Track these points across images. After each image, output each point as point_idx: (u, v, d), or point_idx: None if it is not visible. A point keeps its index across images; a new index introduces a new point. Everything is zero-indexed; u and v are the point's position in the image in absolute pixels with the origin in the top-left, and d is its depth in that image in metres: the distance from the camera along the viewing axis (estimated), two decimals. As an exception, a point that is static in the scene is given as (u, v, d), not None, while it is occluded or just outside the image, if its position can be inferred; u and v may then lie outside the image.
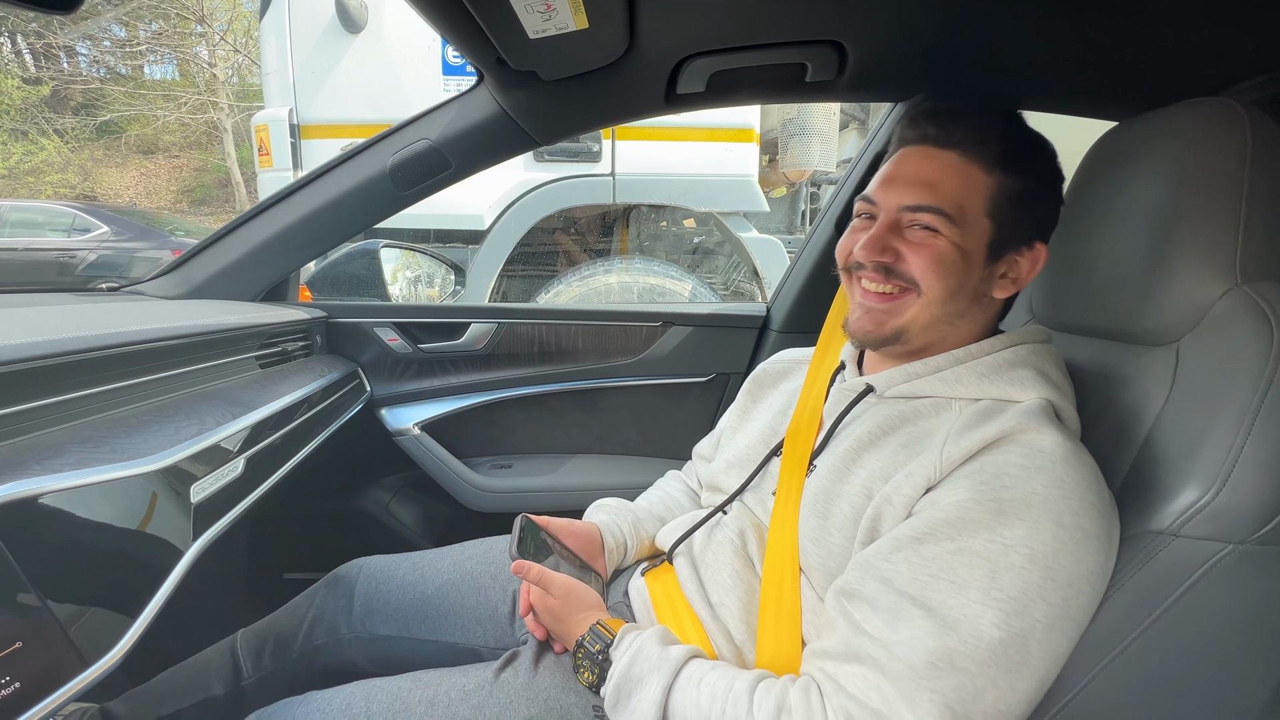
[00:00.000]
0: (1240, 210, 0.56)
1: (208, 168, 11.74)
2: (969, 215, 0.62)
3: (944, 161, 0.63)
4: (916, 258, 0.62)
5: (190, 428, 0.70)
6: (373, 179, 1.08)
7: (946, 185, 0.62)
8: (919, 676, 0.49)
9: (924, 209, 0.62)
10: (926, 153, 0.64)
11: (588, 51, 0.87)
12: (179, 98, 11.15)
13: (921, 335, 0.65)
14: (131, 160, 11.74)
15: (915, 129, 0.65)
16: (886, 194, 0.64)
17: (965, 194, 0.62)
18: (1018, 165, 0.62)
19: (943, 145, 0.63)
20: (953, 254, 0.61)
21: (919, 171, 0.63)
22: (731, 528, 0.74)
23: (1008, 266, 0.64)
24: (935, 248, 0.62)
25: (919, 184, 0.62)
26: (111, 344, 0.67)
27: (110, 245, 5.60)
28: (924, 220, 0.62)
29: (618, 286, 2.89)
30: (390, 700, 0.66)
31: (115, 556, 0.56)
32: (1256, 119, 0.56)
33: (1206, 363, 0.55)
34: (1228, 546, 0.49)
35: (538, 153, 2.79)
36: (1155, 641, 0.52)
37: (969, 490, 0.53)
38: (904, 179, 0.64)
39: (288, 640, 0.86)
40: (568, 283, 2.91)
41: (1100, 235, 0.66)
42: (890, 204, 0.64)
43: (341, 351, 1.27)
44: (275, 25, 2.72)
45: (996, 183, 0.62)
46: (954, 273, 0.62)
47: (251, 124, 2.91)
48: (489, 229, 2.84)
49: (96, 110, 11.11)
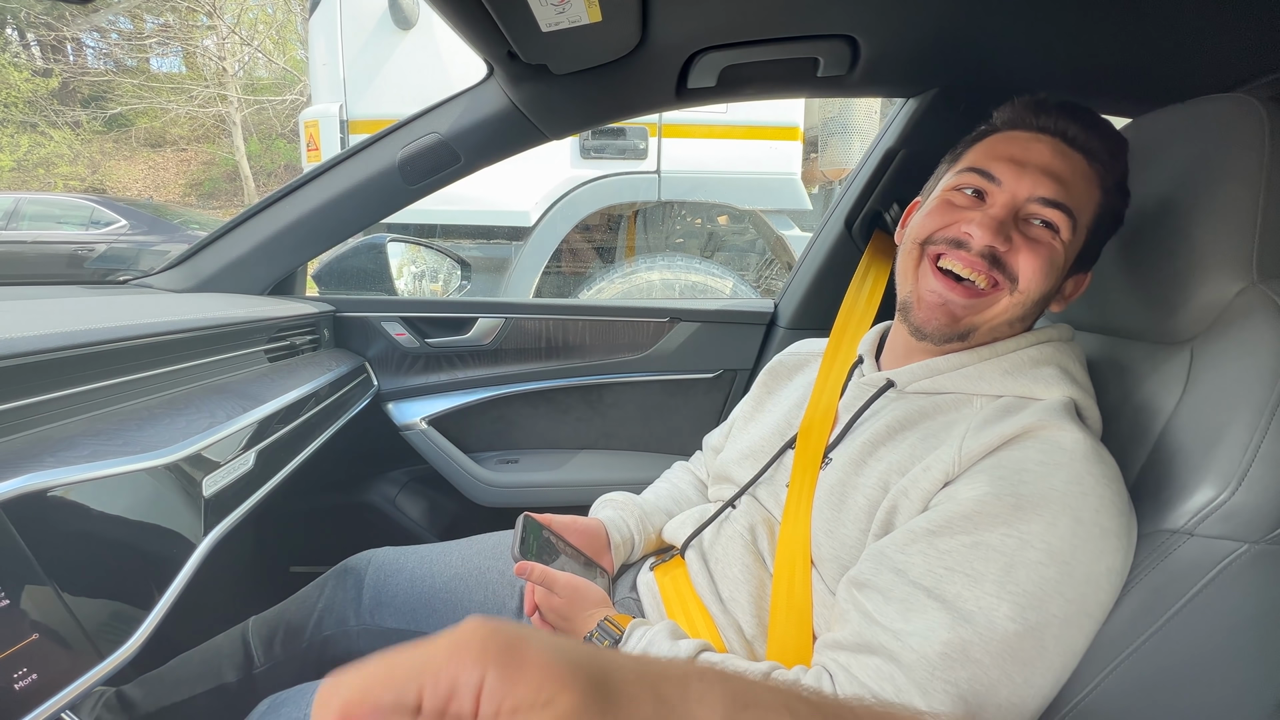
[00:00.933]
0: (1258, 207, 0.55)
1: (216, 161, 11.76)
2: (1080, 224, 0.60)
3: (1075, 163, 0.60)
4: (1031, 254, 0.60)
5: (201, 421, 0.70)
6: (381, 173, 1.08)
7: (1076, 188, 0.60)
8: (933, 667, 0.49)
9: (1058, 206, 0.59)
10: (1059, 147, 0.61)
11: (599, 45, 0.86)
12: (188, 91, 11.17)
13: (987, 334, 0.64)
14: (140, 153, 11.78)
15: (1050, 118, 0.62)
16: (1018, 178, 0.60)
17: (1085, 202, 0.60)
18: (1123, 192, 0.62)
19: (1078, 147, 0.61)
20: (1061, 258, 0.60)
21: (1053, 164, 0.60)
22: (741, 522, 0.73)
23: (1065, 283, 0.64)
24: (1052, 249, 0.60)
25: (1054, 177, 0.59)
26: (122, 337, 0.67)
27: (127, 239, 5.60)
28: (1051, 217, 0.59)
29: (660, 284, 2.88)
30: None
31: (129, 549, 0.56)
32: (1274, 115, 0.56)
33: (1222, 361, 0.55)
34: (1243, 546, 0.49)
35: (584, 149, 2.80)
36: (1169, 640, 0.51)
37: (987, 485, 0.53)
38: (1038, 167, 0.60)
39: (298, 629, 0.87)
40: (610, 279, 2.91)
41: (1117, 233, 0.65)
42: (1021, 190, 0.60)
43: (349, 346, 1.27)
44: (325, 21, 2.73)
45: (1105, 201, 0.61)
46: (1055, 278, 0.61)
47: (300, 119, 2.91)
48: (534, 225, 2.84)
49: (105, 103, 11.14)
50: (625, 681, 0.29)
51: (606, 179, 2.85)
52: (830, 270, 1.23)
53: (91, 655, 0.49)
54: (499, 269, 2.95)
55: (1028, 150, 0.61)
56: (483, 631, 0.29)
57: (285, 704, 0.67)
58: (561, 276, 3.16)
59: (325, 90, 2.79)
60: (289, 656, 0.85)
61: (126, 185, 11.37)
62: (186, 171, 11.85)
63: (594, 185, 2.85)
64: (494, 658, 0.27)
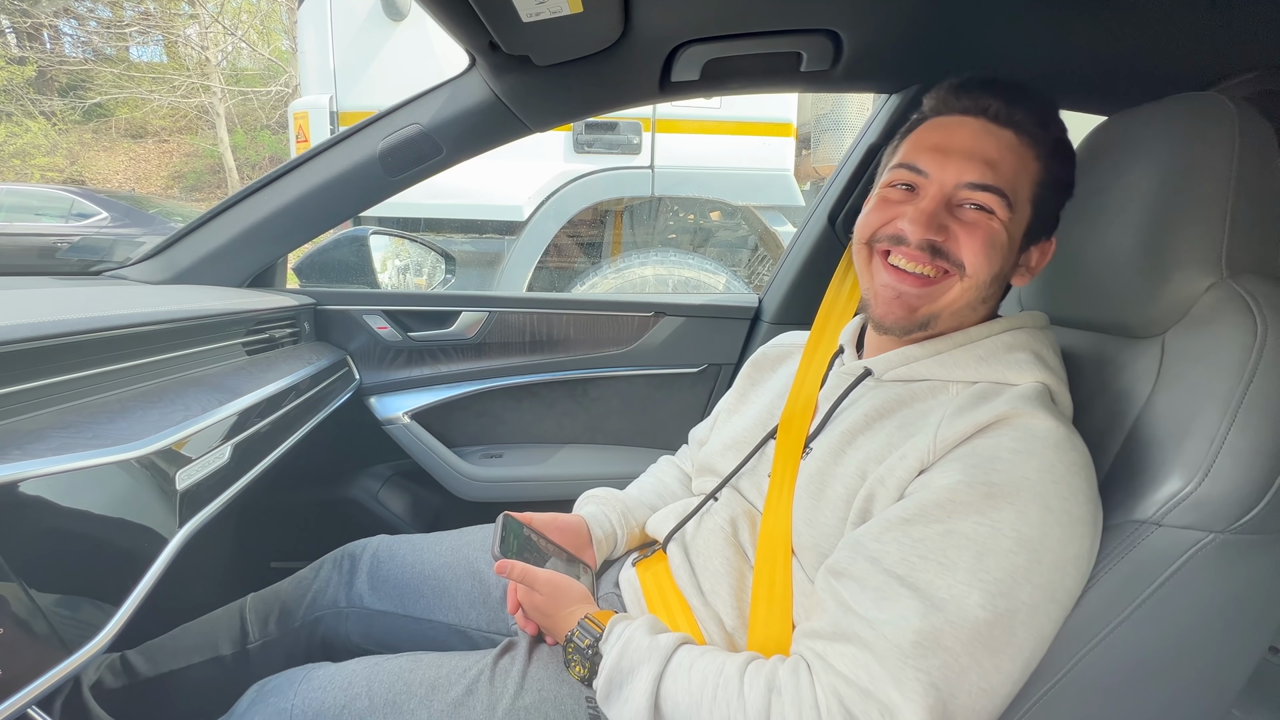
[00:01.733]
0: (1228, 204, 0.56)
1: (199, 153, 11.57)
2: (1019, 199, 0.60)
3: (1002, 140, 0.60)
4: (970, 239, 0.60)
5: (175, 414, 0.69)
6: (362, 164, 1.07)
7: (1005, 165, 0.59)
8: (905, 655, 0.50)
9: (986, 188, 0.59)
10: (986, 127, 0.61)
11: (581, 36, 0.86)
12: (170, 81, 10.96)
13: (950, 320, 0.64)
14: (120, 144, 11.55)
15: (971, 98, 0.62)
16: (943, 167, 0.60)
17: (1020, 177, 0.60)
18: (1064, 156, 0.62)
19: (1003, 122, 0.60)
20: (1003, 237, 0.60)
21: (978, 146, 0.60)
22: (722, 515, 0.74)
23: (1025, 255, 0.64)
24: (989, 229, 0.60)
25: (980, 160, 0.59)
26: (93, 328, 0.66)
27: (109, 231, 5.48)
28: (982, 200, 0.59)
29: (653, 279, 2.88)
30: (392, 680, 0.66)
31: (98, 543, 0.55)
32: (1246, 114, 0.57)
33: (1192, 354, 0.56)
34: (1209, 535, 0.50)
35: (578, 144, 2.79)
36: (1138, 628, 0.52)
37: (960, 473, 0.53)
38: (962, 152, 0.60)
39: (291, 609, 0.89)
40: (603, 274, 2.91)
41: (1090, 228, 0.66)
42: (947, 178, 0.60)
43: (330, 339, 1.26)
44: (315, 12, 2.69)
45: (1044, 170, 0.61)
46: (1000, 257, 0.61)
47: (289, 111, 2.87)
48: (527, 220, 2.82)
49: (84, 92, 10.91)
50: None
51: (600, 174, 2.84)
52: (814, 265, 1.23)
53: (59, 651, 0.49)
54: (491, 264, 2.93)
55: (952, 135, 0.61)
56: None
57: (272, 694, 0.67)
58: (554, 271, 3.15)
59: (315, 82, 2.76)
60: (282, 634, 0.87)
61: (106, 177, 11.16)
62: (169, 163, 11.64)
63: (587, 180, 2.84)
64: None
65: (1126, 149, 0.64)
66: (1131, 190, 0.62)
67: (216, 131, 10.68)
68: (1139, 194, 0.61)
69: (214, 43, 10.69)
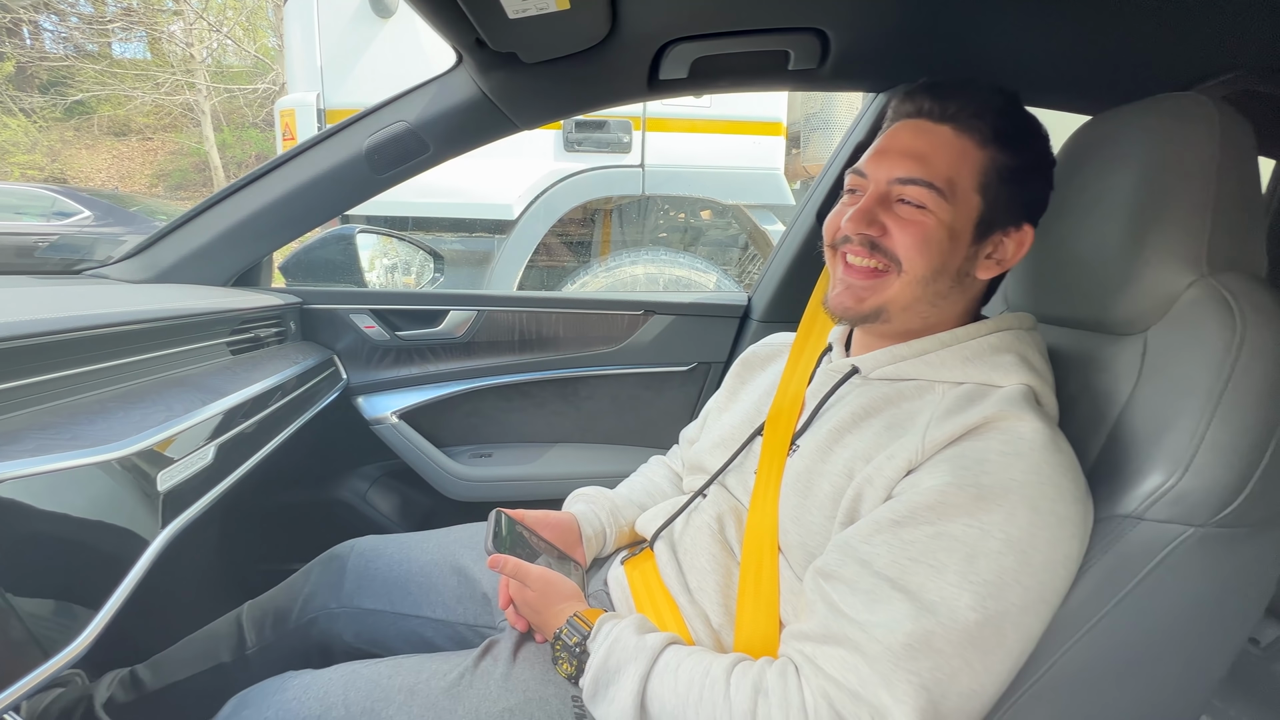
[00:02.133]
0: (1209, 203, 0.57)
1: (184, 150, 11.41)
2: (959, 190, 0.61)
3: (937, 135, 0.62)
4: (903, 234, 0.61)
5: (157, 414, 0.68)
6: (348, 161, 1.06)
7: (938, 159, 0.61)
8: (896, 658, 0.50)
9: (914, 182, 0.61)
10: (920, 126, 0.63)
11: (569, 33, 0.85)
12: (154, 77, 10.80)
13: (902, 315, 0.65)
14: (103, 142, 11.37)
15: (911, 103, 0.64)
16: (877, 166, 0.63)
17: (957, 168, 0.61)
18: (1011, 141, 0.62)
19: (937, 119, 0.62)
20: (939, 233, 0.61)
21: (911, 144, 0.62)
22: (709, 512, 0.74)
23: (994, 246, 0.64)
24: (923, 226, 0.61)
25: (910, 156, 0.61)
26: (72, 328, 0.65)
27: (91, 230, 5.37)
28: (913, 194, 0.61)
29: (644, 277, 2.88)
30: (370, 688, 0.66)
31: (77, 546, 0.54)
32: (1226, 114, 0.57)
33: (1173, 351, 0.56)
34: (1189, 529, 0.51)
35: (568, 142, 2.78)
36: (1121, 620, 0.53)
37: (949, 475, 0.54)
38: (895, 151, 0.63)
39: (285, 613, 0.89)
40: (594, 273, 2.90)
41: (1074, 226, 0.67)
42: (880, 176, 0.63)
43: (317, 338, 1.24)
44: (301, 8, 2.66)
45: (989, 158, 0.61)
46: (938, 252, 0.61)
47: (275, 109, 2.84)
48: (517, 219, 2.81)
49: (65, 89, 10.73)
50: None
51: (590, 172, 2.83)
52: (803, 262, 1.24)
53: (37, 654, 0.48)
54: (482, 262, 2.92)
55: (891, 139, 0.64)
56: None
57: (248, 705, 0.67)
58: (545, 270, 3.14)
59: (302, 79, 2.72)
60: (278, 638, 0.89)
61: (89, 175, 10.99)
62: (153, 161, 11.48)
63: (578, 179, 2.83)
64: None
65: (1110, 148, 0.65)
66: (1114, 189, 0.63)
67: (202, 129, 10.54)
68: (1122, 193, 0.62)
69: (199, 39, 10.54)
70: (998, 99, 0.63)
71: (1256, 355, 0.51)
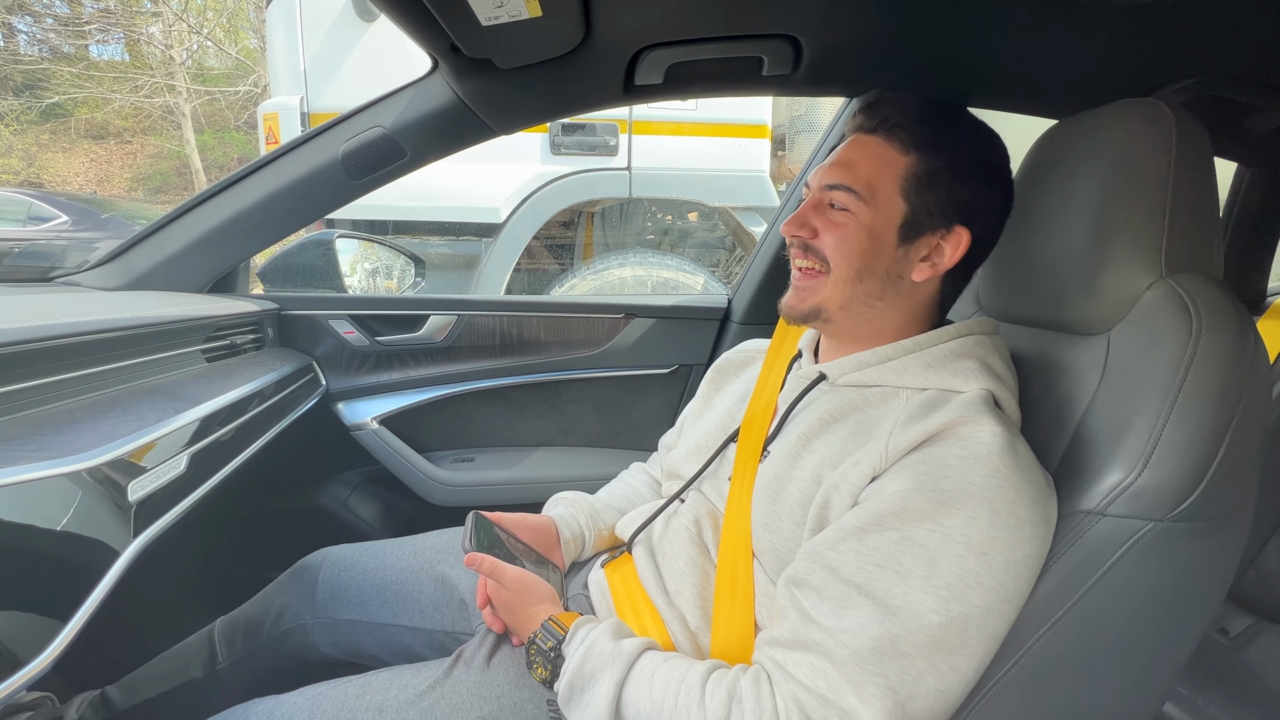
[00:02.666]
0: (1166, 206, 0.58)
1: (164, 154, 11.24)
2: (880, 195, 0.63)
3: (867, 144, 0.66)
4: (827, 234, 0.65)
5: (128, 424, 0.67)
6: (324, 166, 1.05)
7: (862, 166, 0.64)
8: (863, 662, 0.51)
9: (836, 187, 0.64)
10: (858, 139, 0.67)
11: (543, 40, 0.85)
12: (133, 80, 10.64)
13: (840, 316, 0.67)
14: (80, 145, 11.18)
15: (854, 119, 0.69)
16: (818, 175, 0.67)
17: (878, 174, 0.64)
18: (930, 146, 0.63)
19: (869, 131, 0.66)
20: (859, 234, 0.64)
21: (844, 155, 0.66)
22: (687, 515, 0.74)
23: (928, 249, 0.65)
24: (844, 228, 0.64)
25: (840, 165, 0.65)
26: (39, 337, 0.64)
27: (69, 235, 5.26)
28: (837, 199, 0.64)
29: (631, 280, 2.89)
30: (337, 710, 0.65)
31: (42, 559, 0.53)
32: (1183, 119, 0.59)
33: (1134, 351, 0.58)
34: (1149, 524, 0.52)
35: (555, 145, 2.78)
36: (1085, 613, 0.54)
37: (911, 481, 0.55)
38: (832, 163, 0.67)
39: (257, 627, 0.88)
40: (582, 276, 2.90)
41: (1039, 229, 0.68)
42: (816, 183, 0.67)
43: (295, 345, 1.24)
44: (284, 11, 2.63)
45: (911, 163, 0.64)
46: (859, 253, 0.64)
47: (258, 112, 2.82)
48: (504, 222, 2.81)
49: (41, 92, 10.55)
50: None
51: (577, 175, 2.84)
52: (781, 266, 1.25)
53: (3, 667, 0.47)
54: (469, 266, 2.91)
55: (835, 153, 0.68)
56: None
57: None
58: (532, 273, 3.14)
59: (285, 82, 2.70)
60: (250, 652, 0.88)
61: (66, 179, 10.80)
62: (132, 165, 11.31)
63: (564, 181, 2.83)
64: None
65: (1071, 153, 0.66)
66: (1076, 193, 0.64)
67: (183, 132, 10.39)
68: (1083, 196, 0.63)
69: (179, 41, 10.40)
70: (924, 108, 0.65)
71: (1211, 354, 0.52)
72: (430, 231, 2.92)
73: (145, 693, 0.87)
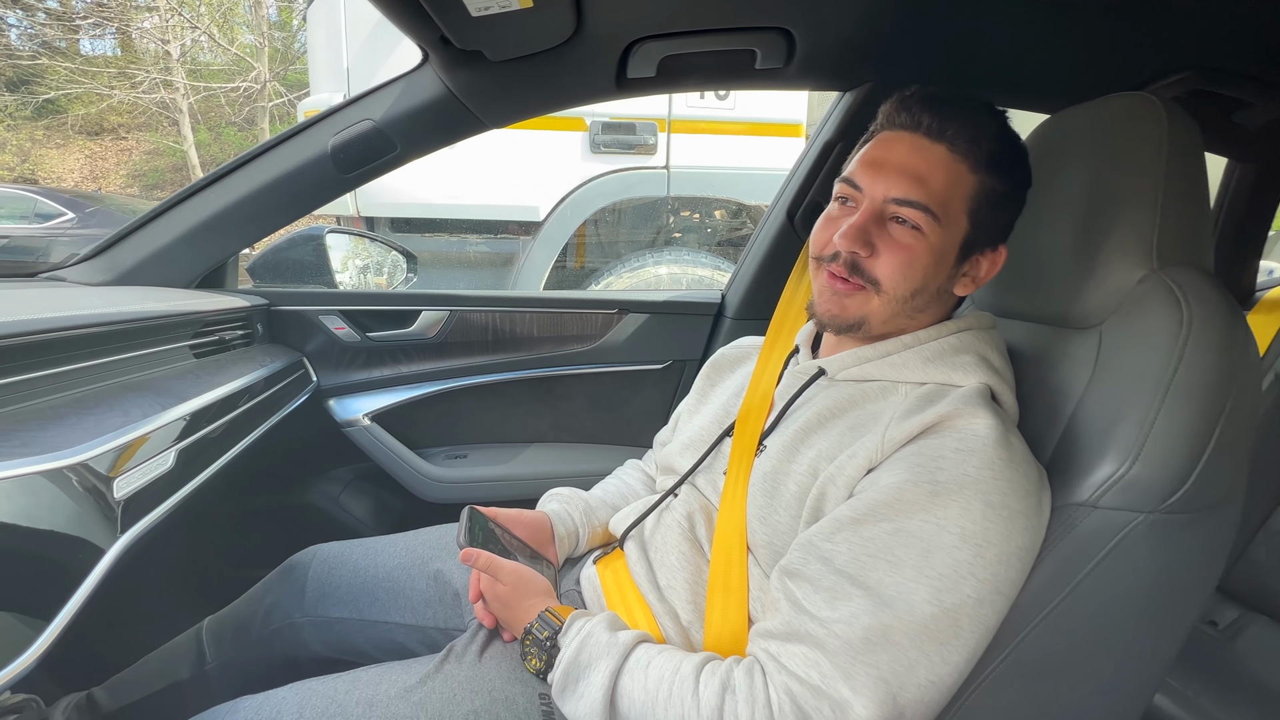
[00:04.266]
0: (1158, 199, 0.58)
1: (160, 150, 11.17)
2: (951, 214, 0.61)
3: (934, 155, 0.61)
4: (890, 257, 0.61)
5: (113, 420, 0.67)
6: (313, 160, 1.04)
7: (936, 181, 0.60)
8: (855, 652, 0.51)
9: (913, 205, 0.60)
10: (917, 142, 0.61)
11: (534, 31, 0.85)
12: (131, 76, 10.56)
13: (883, 326, 0.66)
14: (75, 141, 11.11)
15: (908, 114, 0.62)
16: (874, 181, 0.62)
17: (951, 191, 0.60)
18: (1003, 168, 0.62)
19: (935, 137, 0.61)
20: (926, 257, 0.61)
21: (909, 162, 0.61)
22: (680, 510, 0.74)
23: (970, 266, 0.65)
24: (911, 251, 0.61)
25: (909, 175, 0.60)
26: (22, 332, 0.63)
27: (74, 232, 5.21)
28: (909, 215, 0.60)
29: (667, 277, 2.89)
30: (326, 704, 0.64)
31: (25, 556, 0.53)
32: (1174, 113, 0.59)
33: (1125, 343, 0.58)
34: (1140, 515, 0.52)
35: (594, 144, 2.79)
36: (1078, 605, 0.54)
37: (907, 472, 0.55)
38: (893, 167, 0.61)
39: (246, 626, 0.88)
40: (617, 273, 2.91)
41: (1032, 224, 0.68)
42: (877, 193, 0.62)
43: (285, 340, 1.23)
44: (327, 11, 2.66)
45: (980, 183, 0.61)
46: (921, 275, 0.62)
47: (300, 109, 2.87)
48: (544, 220, 2.82)
49: (35, 87, 10.47)
50: None
51: (616, 174, 2.85)
52: (774, 260, 1.24)
53: (-20, 668, 0.47)
54: (506, 264, 2.93)
55: (888, 150, 0.63)
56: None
57: None
58: (568, 271, 3.14)
59: (326, 80, 2.73)
60: (239, 651, 0.87)
61: (61, 176, 10.74)
62: (128, 161, 11.25)
63: (604, 180, 2.84)
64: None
65: (1065, 147, 0.66)
66: (1070, 186, 0.64)
67: (180, 128, 10.32)
68: (1076, 190, 0.63)
69: (175, 36, 10.31)
70: (994, 123, 0.62)
71: (1202, 347, 0.52)
72: (469, 229, 2.95)
73: (132, 694, 0.86)
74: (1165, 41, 0.84)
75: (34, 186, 6.78)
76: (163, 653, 0.90)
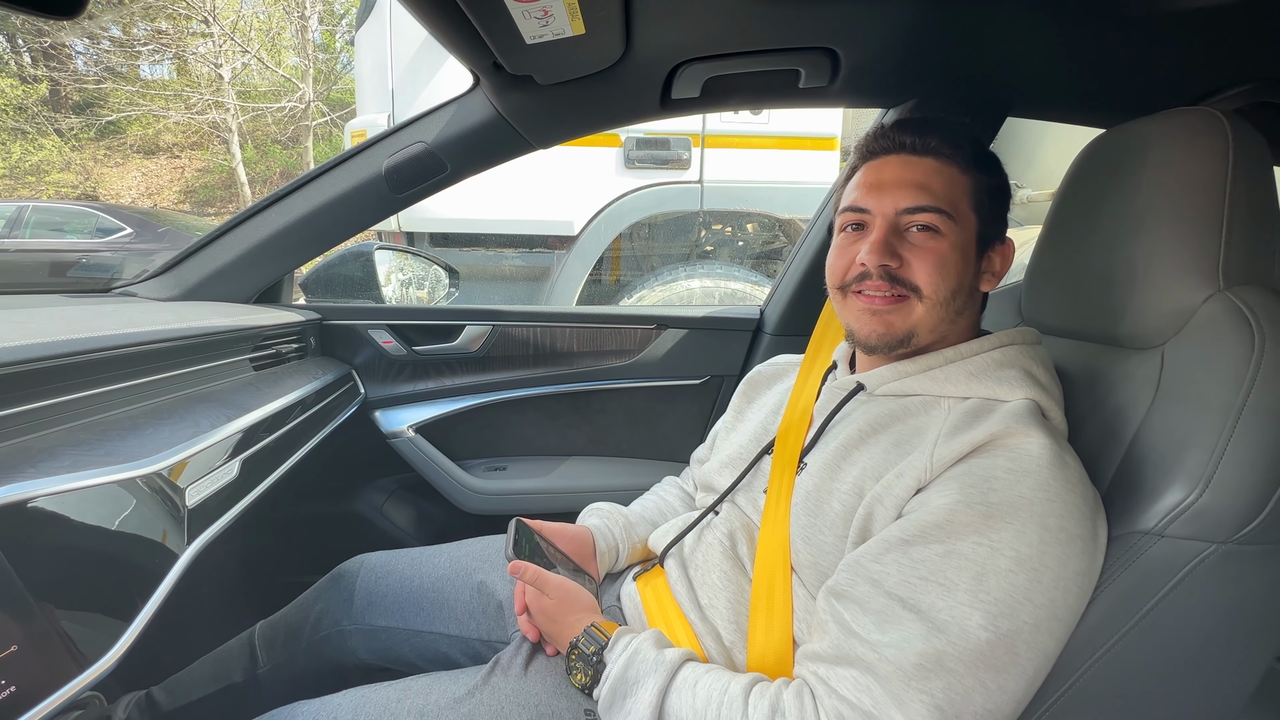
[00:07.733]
0: (1223, 216, 0.56)
1: (210, 168, 11.70)
2: (960, 211, 0.64)
3: (925, 165, 0.65)
4: (921, 262, 0.63)
5: (185, 430, 0.70)
6: (368, 181, 1.09)
7: (936, 185, 0.64)
8: (908, 678, 0.50)
9: (924, 209, 0.63)
10: (905, 160, 0.65)
11: (584, 56, 0.87)
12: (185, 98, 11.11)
13: (930, 335, 0.66)
14: (132, 160, 11.71)
15: (888, 139, 0.67)
16: (880, 199, 0.65)
17: (953, 192, 0.64)
18: (987, 163, 0.66)
19: (919, 152, 0.65)
20: (953, 255, 0.63)
21: (905, 175, 0.64)
22: (721, 529, 0.74)
23: (987, 261, 0.67)
24: (938, 251, 0.63)
25: (911, 186, 0.64)
26: (104, 346, 0.67)
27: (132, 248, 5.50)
28: (925, 220, 0.63)
29: (700, 291, 2.90)
30: (379, 712, 0.66)
31: (109, 560, 0.56)
32: (1238, 127, 0.57)
33: (1191, 366, 0.56)
34: (1211, 546, 0.50)
35: (629, 159, 2.83)
36: (1141, 639, 0.52)
37: (958, 493, 0.54)
38: (893, 183, 0.64)
39: (296, 632, 0.90)
40: (650, 287, 2.94)
41: (1087, 240, 0.67)
42: (886, 209, 0.64)
43: (335, 354, 1.27)
44: (374, 33, 2.77)
45: (974, 179, 0.65)
46: (954, 272, 0.63)
47: (346, 130, 2.95)
48: (578, 234, 2.87)
49: (98, 110, 11.09)
50: None
51: (650, 188, 2.88)
52: (815, 276, 1.24)
53: (70, 666, 0.49)
54: (541, 278, 2.98)
55: (881, 172, 0.66)
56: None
57: None
58: (601, 284, 3.18)
59: (372, 101, 2.82)
60: (289, 657, 0.89)
61: (119, 193, 11.31)
62: (180, 178, 11.79)
63: (638, 195, 2.88)
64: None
65: (1122, 163, 0.65)
66: (1128, 203, 0.63)
67: (229, 147, 10.79)
68: (1135, 207, 0.62)
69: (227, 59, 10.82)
70: (964, 130, 0.66)
71: (1276, 369, 0.50)
72: (505, 244, 3.00)
73: (189, 695, 0.89)
74: (1225, 54, 0.81)
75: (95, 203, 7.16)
76: (217, 655, 0.93)
